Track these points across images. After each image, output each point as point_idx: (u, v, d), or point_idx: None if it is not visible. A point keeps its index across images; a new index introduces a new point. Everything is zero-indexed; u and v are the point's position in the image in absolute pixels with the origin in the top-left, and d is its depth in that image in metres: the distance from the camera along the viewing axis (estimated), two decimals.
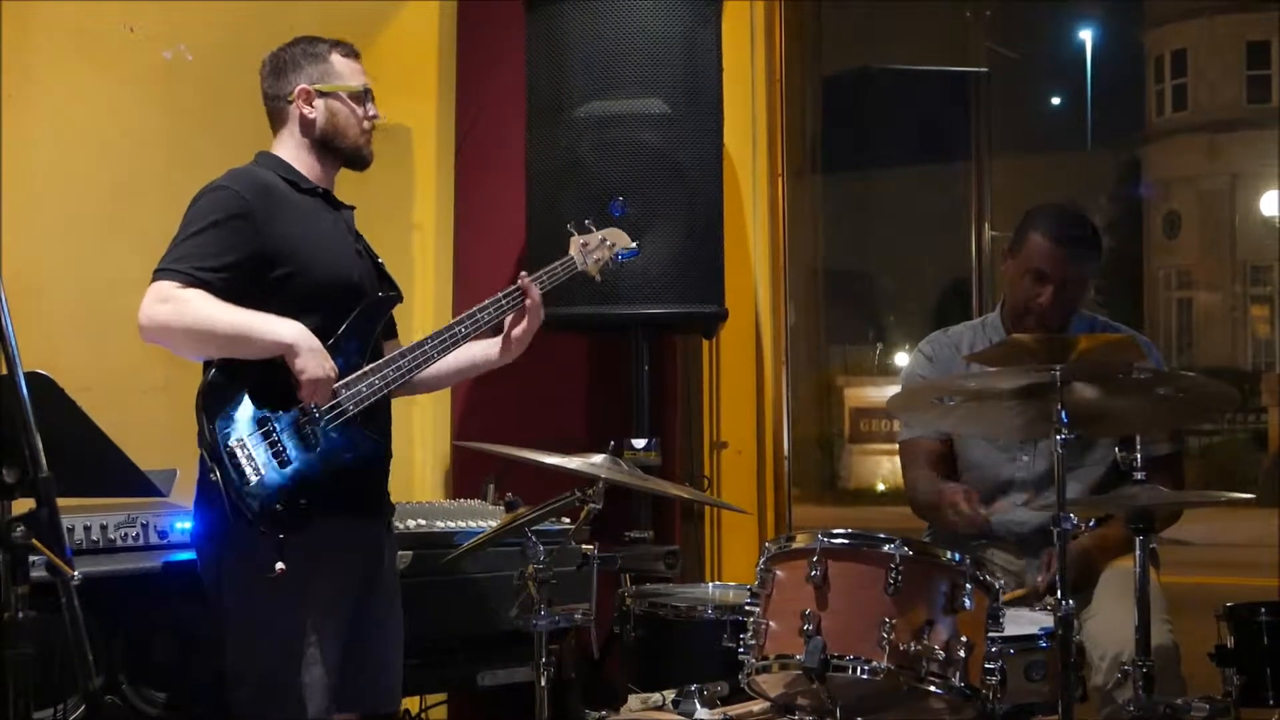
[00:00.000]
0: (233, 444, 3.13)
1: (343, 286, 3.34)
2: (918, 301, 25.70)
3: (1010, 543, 3.85)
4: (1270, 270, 32.78)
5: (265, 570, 3.09)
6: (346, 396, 3.24)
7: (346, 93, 3.42)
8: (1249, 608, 3.34)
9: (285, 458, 3.16)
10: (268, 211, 3.26)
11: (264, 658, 3.22)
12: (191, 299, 3.14)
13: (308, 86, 3.40)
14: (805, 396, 14.64)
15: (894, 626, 2.87)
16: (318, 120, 3.41)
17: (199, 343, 3.19)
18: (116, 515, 3.48)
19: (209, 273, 3.16)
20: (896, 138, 13.28)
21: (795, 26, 5.38)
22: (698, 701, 3.15)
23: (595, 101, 4.48)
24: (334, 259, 3.35)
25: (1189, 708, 3.25)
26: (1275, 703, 3.33)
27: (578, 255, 3.62)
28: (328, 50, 3.45)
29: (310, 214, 3.36)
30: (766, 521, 5.07)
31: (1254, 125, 32.54)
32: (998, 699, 3.00)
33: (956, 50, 23.55)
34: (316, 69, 3.42)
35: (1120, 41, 34.86)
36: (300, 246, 3.29)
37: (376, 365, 3.32)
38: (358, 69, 3.47)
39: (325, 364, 3.18)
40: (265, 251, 3.23)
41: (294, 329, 3.17)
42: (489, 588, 3.93)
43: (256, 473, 3.12)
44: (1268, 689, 3.30)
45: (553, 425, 4.59)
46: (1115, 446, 3.48)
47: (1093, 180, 32.71)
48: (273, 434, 3.16)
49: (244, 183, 3.30)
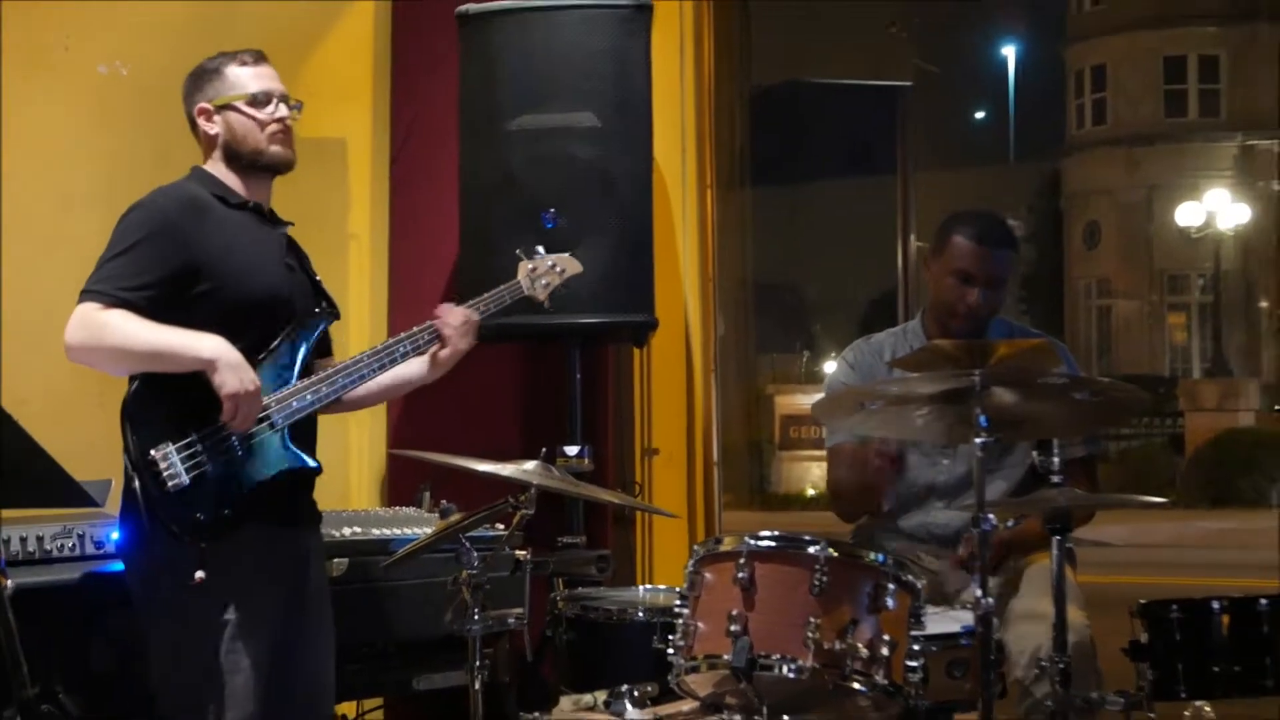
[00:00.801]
0: (155, 454, 3.09)
1: (270, 302, 3.30)
2: (845, 311, 25.93)
3: (931, 544, 3.88)
4: (1187, 279, 33.18)
5: (186, 579, 3.07)
6: (275, 410, 3.21)
7: (241, 100, 3.35)
8: (1162, 604, 3.37)
9: (207, 469, 3.13)
10: (193, 226, 3.23)
11: (186, 667, 3.20)
12: (111, 321, 3.11)
13: (205, 104, 3.36)
14: (735, 404, 14.68)
15: (819, 626, 2.88)
16: (220, 135, 3.36)
17: (121, 362, 3.16)
18: (53, 526, 3.45)
19: (131, 292, 3.13)
20: (824, 150, 13.37)
21: (724, 40, 5.40)
22: (629, 702, 3.16)
23: (527, 115, 4.49)
24: (261, 274, 3.31)
25: (1104, 701, 3.30)
26: (1187, 696, 3.37)
27: (525, 280, 3.60)
28: (224, 64, 3.38)
29: (238, 229, 3.32)
30: (697, 526, 5.09)
31: (1171, 139, 32.97)
32: (920, 696, 3.02)
33: (882, 65, 23.68)
34: (211, 86, 3.37)
35: (1041, 57, 35.24)
36: (226, 261, 3.25)
37: (310, 381, 3.29)
38: (258, 73, 3.39)
39: (245, 378, 3.13)
40: (190, 266, 3.20)
41: (214, 345, 3.13)
42: (424, 593, 3.91)
43: (178, 483, 3.09)
44: (1179, 683, 3.32)
45: (486, 433, 4.58)
46: (1033, 450, 3.51)
47: (1015, 192, 32.99)
48: (195, 445, 3.12)
49: (169, 199, 3.27)
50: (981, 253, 3.80)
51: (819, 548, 2.94)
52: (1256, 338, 31.64)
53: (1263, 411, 23.91)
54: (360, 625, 3.85)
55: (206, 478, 3.13)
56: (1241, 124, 32.34)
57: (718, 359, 5.30)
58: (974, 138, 35.55)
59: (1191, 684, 3.33)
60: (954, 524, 3.80)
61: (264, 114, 3.37)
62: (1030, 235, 33.03)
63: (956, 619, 3.37)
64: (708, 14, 5.21)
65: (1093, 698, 3.31)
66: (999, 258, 3.83)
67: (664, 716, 3.18)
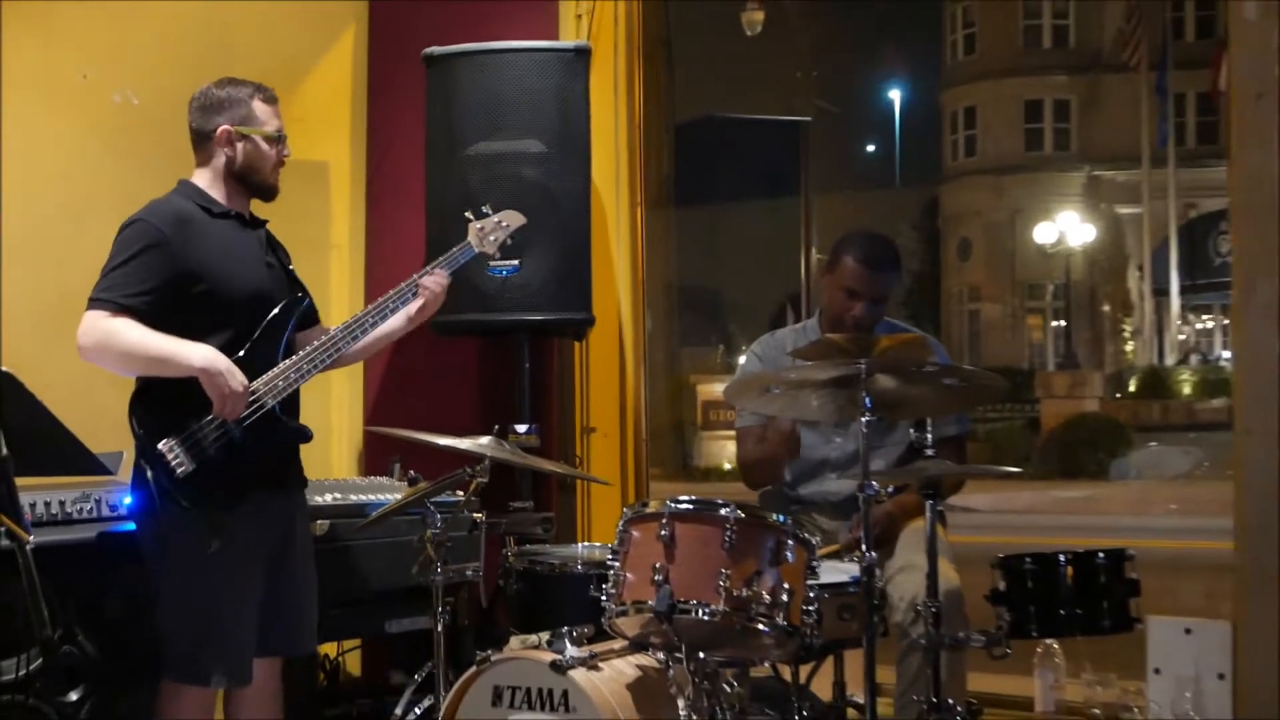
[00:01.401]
0: (161, 448, 3.08)
1: (254, 297, 3.27)
2: (755, 311, 26.01)
3: (825, 508, 3.90)
4: (1043, 287, 33.46)
5: (190, 544, 3.08)
6: (265, 391, 3.18)
7: (262, 137, 3.33)
8: (1017, 558, 3.39)
9: (207, 454, 3.11)
10: (183, 237, 3.19)
11: (188, 615, 3.18)
12: (118, 328, 3.08)
13: (229, 127, 3.31)
14: (661, 390, 14.72)
15: (729, 576, 2.90)
16: (237, 158, 3.32)
17: (125, 364, 3.13)
18: (73, 492, 3.42)
19: (133, 298, 3.10)
20: (737, 175, 13.38)
21: (652, 81, 5.39)
22: (568, 641, 3.15)
23: (483, 142, 4.47)
24: (245, 273, 3.29)
25: (969, 639, 3.32)
26: (1038, 634, 3.40)
27: (475, 239, 3.56)
28: (249, 95, 3.34)
29: (223, 235, 3.29)
30: (628, 493, 5.08)
31: (1031, 169, 33.25)
32: (815, 635, 3.04)
33: (788, 104, 23.80)
34: (238, 112, 3.32)
35: (922, 99, 35.47)
36: (215, 265, 3.22)
37: (294, 360, 3.25)
38: (274, 113, 3.38)
39: (233, 381, 3.10)
40: (184, 272, 3.17)
41: (203, 355, 3.09)
42: (395, 550, 3.89)
43: (185, 470, 3.07)
44: (1031, 623, 3.35)
45: (448, 413, 4.57)
46: (911, 428, 3.54)
47: (899, 213, 33.15)
48: (197, 434, 3.10)
49: (160, 214, 3.22)
50: (867, 274, 3.79)
51: (729, 510, 2.96)
52: (1100, 337, 31.97)
53: (1105, 399, 24.14)
54: (340, 577, 3.84)
55: (210, 461, 3.11)
56: (1089, 157, 32.63)
57: (646, 352, 5.29)
58: (865, 167, 35.74)
59: (1041, 624, 3.36)
60: (845, 491, 3.82)
61: (275, 152, 3.37)
62: (912, 250, 33.24)
63: (845, 570, 3.39)
64: (638, 59, 5.20)
65: (960, 637, 3.33)
66: (882, 279, 3.81)
67: (598, 653, 3.18)
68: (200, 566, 3.13)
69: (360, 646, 4.73)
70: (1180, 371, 26.32)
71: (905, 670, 3.54)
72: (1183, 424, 21.61)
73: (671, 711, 2.96)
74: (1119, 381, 26.15)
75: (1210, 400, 22.30)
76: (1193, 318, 31.15)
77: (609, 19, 5.10)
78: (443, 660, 3.52)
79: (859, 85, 36.03)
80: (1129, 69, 28.48)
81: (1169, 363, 28.38)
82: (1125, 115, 29.73)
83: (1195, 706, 4.00)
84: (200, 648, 3.18)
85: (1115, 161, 31.34)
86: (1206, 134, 29.03)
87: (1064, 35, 33.46)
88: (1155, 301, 30.47)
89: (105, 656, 3.37)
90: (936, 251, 34.72)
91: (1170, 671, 4.04)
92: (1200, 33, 29.45)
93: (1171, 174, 28.74)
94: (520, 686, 3.15)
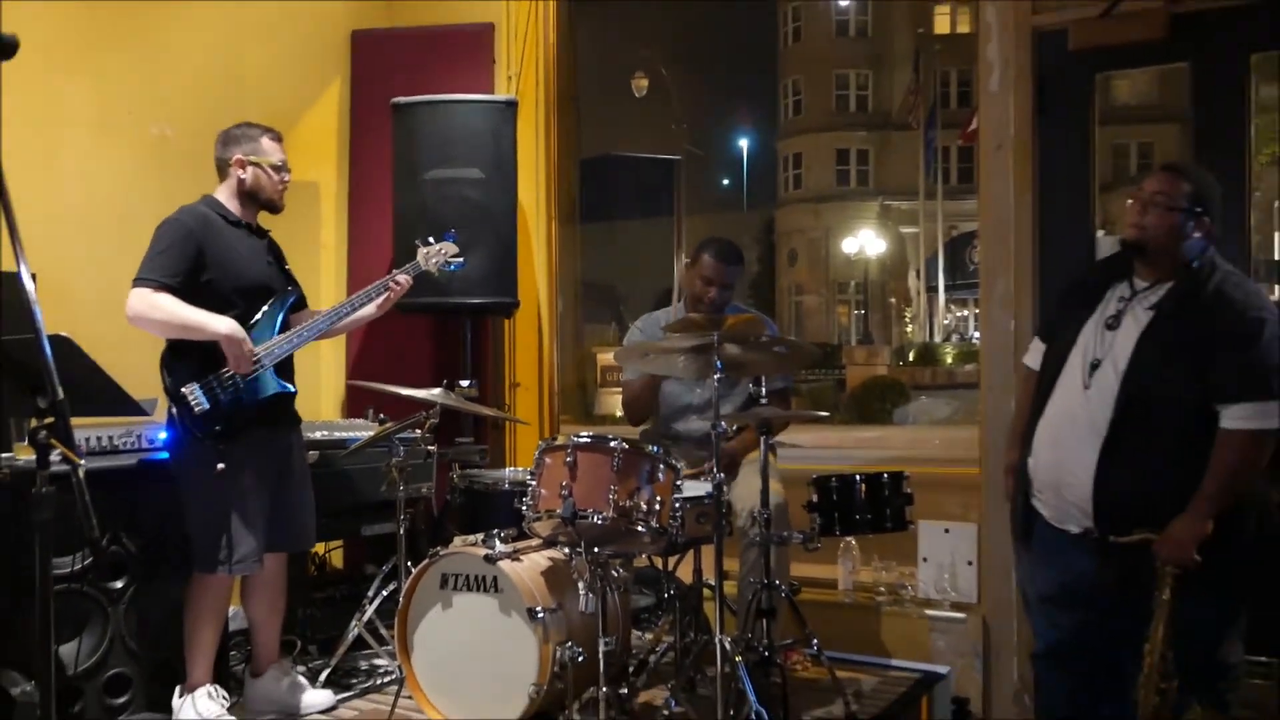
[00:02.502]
0: (184, 390, 3.04)
1: (255, 286, 3.23)
2: (639, 300, 25.90)
3: (688, 441, 3.90)
4: (849, 285, 34.00)
5: (209, 467, 3.03)
6: (264, 355, 3.15)
7: (268, 164, 3.28)
8: (825, 478, 3.44)
9: (220, 398, 3.07)
10: (206, 235, 3.14)
11: (209, 521, 3.13)
12: (161, 301, 3.03)
13: (243, 157, 3.26)
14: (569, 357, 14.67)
15: (617, 491, 2.90)
16: (247, 180, 3.27)
17: (165, 329, 3.07)
18: (118, 429, 3.31)
19: (170, 278, 3.05)
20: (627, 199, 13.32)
21: (564, 126, 5.34)
22: (498, 540, 3.14)
23: (437, 169, 4.39)
24: (250, 269, 3.23)
25: (791, 537, 3.37)
26: (840, 533, 3.46)
27: (421, 258, 3.54)
28: (259, 134, 3.30)
29: (235, 239, 3.23)
30: (544, 431, 5.04)
31: (840, 199, 33.74)
32: (679, 534, 3.06)
33: (665, 146, 23.81)
34: (250, 145, 3.27)
35: (763, 146, 35.74)
36: (226, 260, 3.17)
37: (288, 334, 3.23)
38: (279, 149, 3.33)
39: (246, 347, 3.09)
40: (204, 262, 3.12)
41: (228, 324, 3.07)
42: (369, 473, 3.84)
43: (201, 408, 3.04)
44: (836, 525, 3.42)
45: (411, 371, 4.45)
46: (750, 383, 3.56)
47: (746, 231, 33.41)
48: (211, 383, 3.07)
49: (191, 215, 3.17)
50: (720, 266, 3.78)
51: (617, 443, 2.96)
52: (888, 321, 32.58)
53: (891, 366, 24.55)
54: (326, 494, 3.75)
55: (221, 403, 3.08)
56: (882, 190, 33.19)
57: (558, 328, 5.25)
58: (721, 195, 35.88)
59: (843, 525, 3.43)
60: (702, 429, 3.81)
61: (278, 178, 3.31)
62: (755, 257, 33.53)
63: (702, 487, 3.40)
64: (554, 110, 5.16)
65: (784, 535, 3.37)
66: (730, 271, 3.80)
67: (520, 549, 3.17)
68: (212, 483, 3.07)
69: (342, 545, 4.65)
70: (944, 346, 26.86)
71: (745, 560, 3.57)
72: (945, 384, 22.06)
73: (574, 592, 2.96)
74: (901, 353, 26.63)
75: (965, 366, 22.80)
76: (954, 308, 31.83)
77: (532, 80, 5.05)
78: (404, 555, 3.49)
79: (717, 135, 36.22)
80: (911, 127, 28.96)
81: (937, 340, 28.98)
82: (908, 161, 30.25)
83: (951, 585, 4.10)
84: (217, 546, 3.12)
85: (900, 194, 31.92)
86: (964, 175, 29.62)
87: (865, 102, 34.00)
88: (928, 296, 31.10)
89: (144, 555, 3.27)
90: (772, 258, 35.10)
91: (934, 560, 4.13)
92: (961, 101, 30.02)
93: (939, 204, 29.30)
94: (462, 574, 3.14)
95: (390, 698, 3.28)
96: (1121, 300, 2.80)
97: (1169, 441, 2.62)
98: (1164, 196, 2.73)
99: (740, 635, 3.30)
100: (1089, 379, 2.75)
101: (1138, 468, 2.64)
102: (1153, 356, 2.67)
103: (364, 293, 3.40)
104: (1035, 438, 2.87)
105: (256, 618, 3.42)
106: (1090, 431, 2.70)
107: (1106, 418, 2.68)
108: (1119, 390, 2.68)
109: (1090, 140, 3.90)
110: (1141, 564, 2.60)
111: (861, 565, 4.29)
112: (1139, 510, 2.62)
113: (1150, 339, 2.69)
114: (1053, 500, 2.82)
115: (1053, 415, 2.83)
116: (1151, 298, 2.75)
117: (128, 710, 3.22)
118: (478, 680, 3.07)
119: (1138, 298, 2.78)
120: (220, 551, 3.12)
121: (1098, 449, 2.69)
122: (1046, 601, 2.92)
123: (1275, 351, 2.57)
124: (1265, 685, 3.49)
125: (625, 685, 3.13)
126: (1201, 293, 2.67)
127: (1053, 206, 3.86)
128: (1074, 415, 2.76)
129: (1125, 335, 2.73)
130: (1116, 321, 2.77)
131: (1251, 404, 2.56)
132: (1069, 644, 2.88)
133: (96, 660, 3.15)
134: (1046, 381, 2.88)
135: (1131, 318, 2.75)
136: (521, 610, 2.99)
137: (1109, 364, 2.72)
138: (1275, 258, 17.47)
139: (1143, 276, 2.80)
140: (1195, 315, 2.65)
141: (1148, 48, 3.74)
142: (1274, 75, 3.97)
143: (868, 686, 3.66)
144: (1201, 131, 3.73)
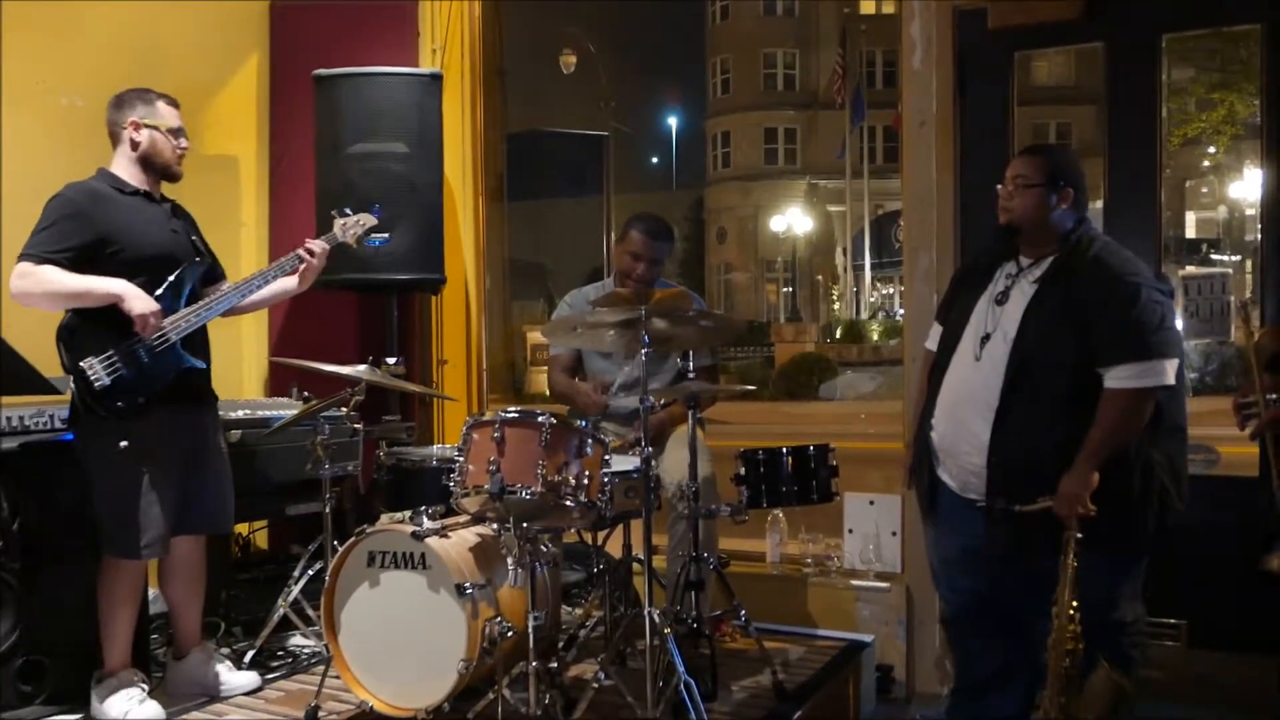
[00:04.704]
0: (83, 364, 2.95)
1: (158, 256, 3.12)
2: (568, 276, 25.75)
3: (616, 416, 3.90)
4: (776, 263, 34.26)
5: (113, 446, 2.96)
6: (170, 329, 3.06)
7: (164, 128, 3.18)
8: (753, 451, 3.46)
9: (122, 373, 2.98)
10: (95, 209, 3.04)
11: (114, 503, 3.05)
12: (42, 270, 2.93)
13: (138, 119, 3.15)
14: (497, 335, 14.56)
15: (545, 466, 2.88)
16: (143, 143, 3.16)
17: (52, 301, 2.97)
18: (29, 408, 3.20)
19: (54, 253, 2.96)
20: (554, 177, 13.23)
21: (489, 100, 5.28)
22: (425, 517, 3.11)
23: (360, 143, 4.31)
24: (151, 238, 3.13)
25: (719, 510, 3.40)
26: (767, 505, 3.49)
27: (338, 230, 3.47)
28: (155, 98, 3.20)
29: (131, 209, 3.13)
30: (471, 408, 5.03)
31: (768, 178, 33.93)
32: (608, 508, 3.05)
33: (593, 123, 23.71)
34: (146, 109, 3.17)
35: (691, 125, 35.77)
36: (124, 231, 3.07)
37: (195, 306, 3.14)
38: (175, 114, 3.22)
39: (149, 303, 2.99)
40: (98, 236, 3.02)
41: (121, 283, 2.98)
42: (293, 452, 3.77)
43: (101, 384, 2.95)
44: (763, 497, 3.45)
45: (335, 348, 4.39)
46: (678, 358, 3.57)
47: (676, 209, 33.43)
48: (111, 357, 2.97)
49: (77, 190, 3.08)
50: (648, 242, 3.78)
51: (545, 418, 2.93)
52: (816, 298, 32.89)
53: (819, 342, 24.81)
54: (250, 473, 3.70)
55: (123, 379, 2.97)
56: (809, 170, 33.47)
57: (486, 305, 5.22)
58: (650, 173, 35.91)
59: (770, 498, 3.46)
60: (632, 405, 3.80)
61: (175, 143, 3.21)
62: (684, 235, 33.59)
63: (630, 461, 3.40)
64: (479, 83, 5.10)
65: (713, 508, 3.40)
66: (659, 247, 3.80)
67: (448, 525, 3.14)
68: (116, 463, 3.00)
69: (267, 526, 4.58)
70: (871, 323, 27.24)
71: (674, 534, 3.59)
72: (871, 360, 22.37)
73: (503, 567, 2.95)
74: (829, 330, 26.92)
75: (890, 342, 23.15)
76: (880, 285, 32.28)
77: (457, 53, 4.98)
78: (330, 534, 3.44)
79: (646, 112, 36.20)
80: (838, 107, 29.19)
81: (863, 317, 29.38)
82: (835, 140, 30.52)
83: (876, 556, 4.17)
84: (123, 529, 3.04)
85: (827, 173, 32.22)
86: (889, 155, 30.01)
87: (792, 81, 34.19)
88: (854, 274, 31.49)
89: (59, 536, 3.17)
90: (701, 236, 35.22)
91: (859, 531, 4.20)
92: (887, 80, 30.35)
93: (866, 183, 29.63)
94: (389, 551, 3.10)
95: (317, 678, 3.23)
96: (1009, 277, 2.94)
97: (1058, 406, 2.74)
98: (1023, 177, 2.89)
99: (669, 608, 3.32)
100: (980, 351, 2.88)
101: (1028, 433, 2.75)
102: (1039, 325, 2.80)
103: (277, 264, 3.32)
104: (935, 411, 2.96)
105: (175, 600, 3.35)
106: (984, 401, 2.82)
107: (998, 386, 2.80)
108: (1008, 359, 2.80)
109: (1010, 118, 3.98)
110: (1041, 528, 2.68)
111: (789, 538, 4.34)
112: (1032, 474, 2.71)
113: (1036, 309, 2.82)
114: (954, 469, 2.92)
115: (949, 388, 2.96)
116: (1036, 272, 2.89)
117: (41, 697, 3.13)
118: (406, 658, 3.05)
119: (1024, 273, 2.92)
120: (127, 534, 3.04)
121: (990, 419, 2.79)
122: (950, 566, 3.03)
123: (1152, 313, 2.70)
124: (1174, 647, 3.62)
125: (555, 660, 3.12)
126: (1080, 262, 2.81)
127: (974, 183, 3.93)
128: (968, 386, 2.88)
129: (1013, 308, 2.87)
130: (1005, 297, 2.90)
131: (1132, 364, 2.67)
132: (973, 608, 2.99)
133: (9, 646, 3.06)
134: (943, 359, 2.99)
135: (1019, 291, 2.89)
136: (450, 586, 2.97)
137: (999, 336, 2.85)
138: (1187, 235, 17.95)
139: (1027, 254, 2.94)
140: (1076, 284, 2.78)
141: (1064, 27, 3.83)
142: (1185, 57, 4.08)
143: (795, 656, 3.72)
144: (1114, 111, 3.82)
